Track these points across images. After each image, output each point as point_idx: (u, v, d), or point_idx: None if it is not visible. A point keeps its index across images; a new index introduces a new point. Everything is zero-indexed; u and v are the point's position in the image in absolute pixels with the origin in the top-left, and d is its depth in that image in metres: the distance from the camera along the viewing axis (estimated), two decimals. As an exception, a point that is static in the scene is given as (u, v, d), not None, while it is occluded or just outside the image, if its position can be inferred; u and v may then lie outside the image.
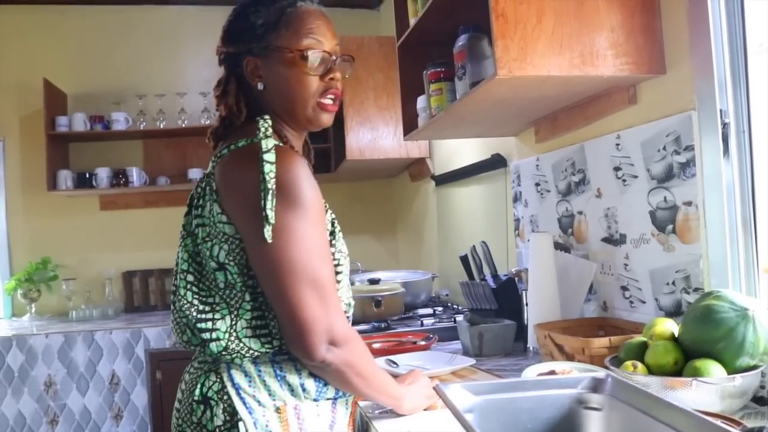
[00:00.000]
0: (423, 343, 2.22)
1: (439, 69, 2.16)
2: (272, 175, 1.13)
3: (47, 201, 4.31)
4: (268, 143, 1.15)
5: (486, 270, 2.47)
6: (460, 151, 3.25)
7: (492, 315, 2.27)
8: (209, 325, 1.20)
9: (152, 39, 4.59)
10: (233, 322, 1.19)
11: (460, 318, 2.42)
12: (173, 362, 3.47)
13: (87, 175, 4.21)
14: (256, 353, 1.20)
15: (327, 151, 4.25)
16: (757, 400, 1.38)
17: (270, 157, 1.14)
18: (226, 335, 1.19)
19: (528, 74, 1.59)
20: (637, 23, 1.69)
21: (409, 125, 2.49)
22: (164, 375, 3.58)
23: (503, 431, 1.24)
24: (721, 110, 1.55)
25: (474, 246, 2.54)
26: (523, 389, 1.30)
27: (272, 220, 1.12)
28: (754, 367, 1.27)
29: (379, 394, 1.33)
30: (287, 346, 1.19)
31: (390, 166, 4.12)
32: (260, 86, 1.29)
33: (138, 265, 4.43)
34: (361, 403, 1.52)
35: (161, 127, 4.32)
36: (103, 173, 4.20)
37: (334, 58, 1.31)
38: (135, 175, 4.27)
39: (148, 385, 3.59)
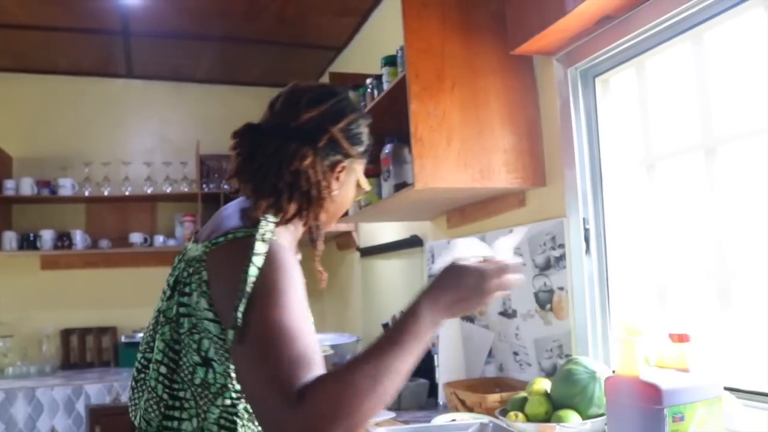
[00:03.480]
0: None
1: (368, 167, 2.59)
2: (253, 278, 0.99)
3: (-15, 260, 4.43)
4: (260, 247, 1.03)
5: (405, 335, 2.86)
6: (383, 228, 3.68)
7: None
8: (175, 424, 1.11)
9: (99, 109, 4.84)
10: (199, 425, 1.10)
11: (382, 377, 2.79)
12: (113, 417, 3.67)
13: (31, 237, 4.38)
14: None
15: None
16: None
17: (258, 260, 1.01)
18: None
19: (439, 186, 2.04)
20: (525, 146, 2.17)
21: (342, 210, 2.90)
22: (103, 429, 3.73)
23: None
24: (583, 218, 2.04)
25: (395, 315, 2.95)
26: (429, 433, 1.71)
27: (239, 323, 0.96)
28: (601, 415, 1.72)
29: (396, 365, 1.01)
30: None
31: (319, 236, 4.48)
32: (335, 191, 1.23)
33: (76, 323, 4.52)
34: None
35: (105, 194, 4.55)
36: (47, 235, 4.37)
37: None
38: (78, 237, 4.45)
39: (87, 440, 3.74)
